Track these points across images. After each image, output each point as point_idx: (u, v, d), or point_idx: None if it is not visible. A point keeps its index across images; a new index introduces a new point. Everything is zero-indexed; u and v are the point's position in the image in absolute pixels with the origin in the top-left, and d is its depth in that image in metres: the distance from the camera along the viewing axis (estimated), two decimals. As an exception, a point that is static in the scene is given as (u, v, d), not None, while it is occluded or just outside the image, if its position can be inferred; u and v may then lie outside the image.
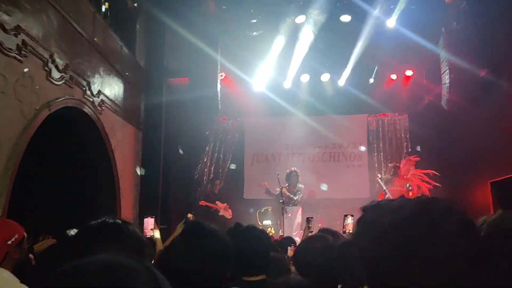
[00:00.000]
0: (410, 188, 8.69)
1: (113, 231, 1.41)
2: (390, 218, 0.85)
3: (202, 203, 9.42)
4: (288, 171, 9.08)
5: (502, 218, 1.17)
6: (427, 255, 0.78)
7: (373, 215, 0.89)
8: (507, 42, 6.78)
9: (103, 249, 1.26)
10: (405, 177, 8.81)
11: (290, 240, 4.57)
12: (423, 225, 0.81)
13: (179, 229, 3.84)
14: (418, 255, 0.79)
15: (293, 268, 3.51)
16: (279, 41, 9.02)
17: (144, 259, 0.80)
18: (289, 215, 8.59)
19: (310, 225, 4.61)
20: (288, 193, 8.75)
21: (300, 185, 8.90)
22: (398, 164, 9.18)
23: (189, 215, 4.22)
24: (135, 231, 1.45)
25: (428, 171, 9.28)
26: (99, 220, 1.49)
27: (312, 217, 4.87)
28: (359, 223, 0.93)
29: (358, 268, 1.85)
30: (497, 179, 7.73)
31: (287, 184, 8.92)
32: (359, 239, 0.90)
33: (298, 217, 8.69)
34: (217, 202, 9.54)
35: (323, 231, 3.28)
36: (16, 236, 2.37)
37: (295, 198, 8.81)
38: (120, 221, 1.48)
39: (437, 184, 8.98)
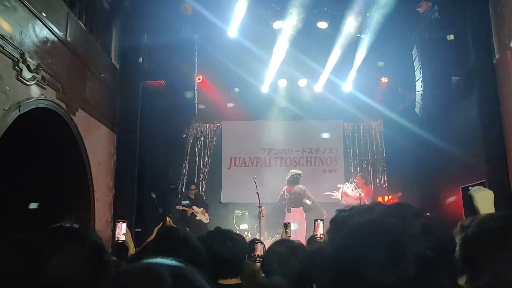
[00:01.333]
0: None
1: (70, 236, 1.39)
2: (362, 217, 0.88)
3: (179, 207, 9.40)
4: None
5: (481, 220, 1.31)
6: (394, 252, 0.81)
7: (346, 214, 0.93)
8: (477, 52, 6.97)
9: (60, 253, 1.25)
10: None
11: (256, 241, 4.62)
12: (392, 224, 0.85)
13: (155, 232, 3.83)
14: (385, 252, 0.81)
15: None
16: (257, 45, 9.06)
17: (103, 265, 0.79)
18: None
19: (287, 230, 4.63)
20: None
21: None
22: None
23: (167, 219, 4.19)
24: (93, 236, 1.43)
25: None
26: (56, 225, 1.46)
27: (289, 223, 4.89)
28: (332, 221, 0.95)
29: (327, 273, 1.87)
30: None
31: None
32: (331, 236, 0.93)
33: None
34: (193, 206, 9.51)
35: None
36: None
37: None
38: (77, 226, 1.46)
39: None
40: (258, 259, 3.60)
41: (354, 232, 0.87)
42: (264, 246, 3.80)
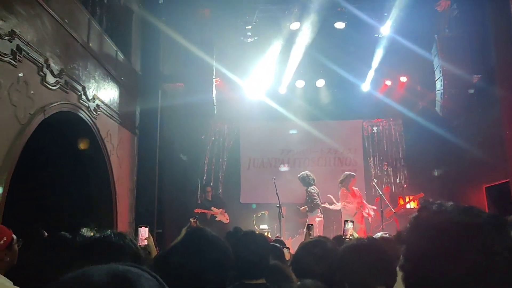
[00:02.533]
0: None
1: (109, 246, 1.43)
2: (460, 217, 0.88)
3: (197, 210, 9.45)
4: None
5: None
6: (485, 260, 0.82)
7: (441, 208, 0.92)
8: (498, 49, 6.86)
9: (99, 263, 1.29)
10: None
11: (280, 243, 4.60)
12: (490, 233, 0.85)
13: (183, 233, 3.88)
14: (477, 258, 0.82)
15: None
16: (274, 47, 9.09)
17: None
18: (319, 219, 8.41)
19: (310, 232, 4.62)
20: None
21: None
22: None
23: (192, 220, 4.22)
24: (130, 244, 1.46)
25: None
26: (96, 235, 1.51)
27: (312, 224, 4.89)
28: (415, 220, 0.95)
29: (363, 273, 1.85)
30: (492, 184, 7.79)
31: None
32: (412, 232, 0.93)
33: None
34: (212, 208, 9.59)
35: (319, 237, 3.30)
36: (5, 238, 2.39)
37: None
38: (115, 235, 1.50)
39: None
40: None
41: (449, 228, 0.87)
42: (289, 250, 3.77)
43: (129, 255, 1.41)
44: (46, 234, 3.56)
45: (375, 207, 8.63)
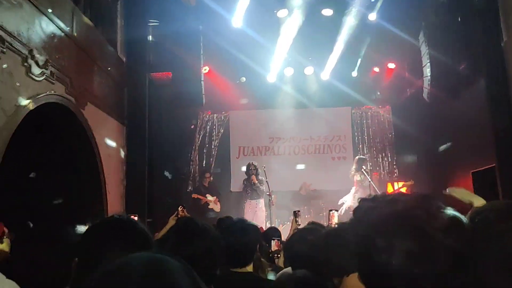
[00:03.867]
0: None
1: (123, 228, 1.45)
2: (388, 208, 0.89)
3: (194, 195, 9.55)
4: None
5: (489, 207, 1.23)
6: (421, 244, 0.83)
7: (371, 204, 0.94)
8: (485, 37, 6.90)
9: (114, 246, 1.32)
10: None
11: (274, 232, 4.62)
12: (419, 217, 0.85)
13: (171, 221, 3.89)
14: (413, 244, 0.83)
15: (279, 261, 3.55)
16: (262, 34, 9.04)
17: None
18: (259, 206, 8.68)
19: (297, 219, 4.65)
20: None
21: (261, 178, 8.88)
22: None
23: (180, 208, 4.24)
24: (143, 228, 1.50)
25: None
26: (107, 217, 1.54)
27: (299, 210, 4.92)
28: (356, 210, 0.97)
29: (343, 256, 1.89)
30: (478, 169, 7.89)
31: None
32: (355, 225, 0.95)
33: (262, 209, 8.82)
34: (207, 195, 9.64)
35: (313, 224, 3.31)
36: (-3, 231, 2.39)
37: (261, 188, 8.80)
38: (128, 218, 1.53)
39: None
40: (275, 255, 3.55)
41: (380, 223, 0.88)
42: (281, 241, 3.77)
43: (141, 236, 1.45)
44: (31, 225, 3.56)
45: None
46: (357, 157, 9.13)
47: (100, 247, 1.34)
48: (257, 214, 8.66)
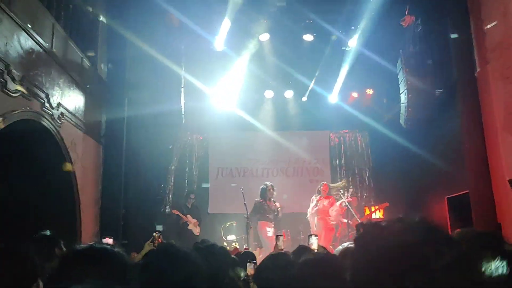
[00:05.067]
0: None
1: (100, 256, 1.41)
2: (393, 241, 0.88)
3: (175, 211, 9.39)
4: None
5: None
6: (425, 283, 0.82)
7: (375, 232, 0.92)
8: (459, 65, 7.11)
9: (90, 273, 1.27)
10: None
11: (249, 256, 4.56)
12: (426, 255, 0.84)
13: (147, 247, 3.82)
14: (418, 281, 0.82)
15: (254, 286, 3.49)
16: (244, 57, 9.13)
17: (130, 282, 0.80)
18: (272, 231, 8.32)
19: (278, 243, 4.61)
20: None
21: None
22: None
23: (156, 234, 4.17)
24: (121, 255, 1.46)
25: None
26: (86, 245, 1.50)
27: (281, 235, 4.88)
28: (359, 238, 0.95)
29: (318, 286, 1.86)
30: (454, 194, 8.02)
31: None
32: (358, 253, 0.93)
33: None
34: (188, 215, 9.51)
35: (302, 248, 3.26)
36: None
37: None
38: (107, 246, 1.49)
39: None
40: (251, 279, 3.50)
41: (386, 257, 0.86)
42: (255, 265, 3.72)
43: (119, 265, 1.41)
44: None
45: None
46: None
47: (75, 279, 1.30)
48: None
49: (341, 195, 9.34)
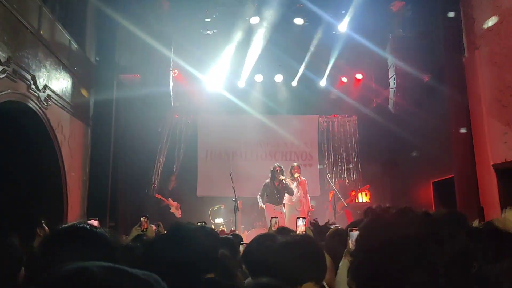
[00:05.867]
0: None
1: (83, 235, 1.41)
2: (398, 231, 0.89)
3: (158, 196, 9.45)
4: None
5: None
6: (428, 274, 0.84)
7: (380, 224, 0.93)
8: (447, 50, 7.16)
9: (73, 253, 1.27)
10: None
11: (237, 238, 4.61)
12: (430, 250, 0.86)
13: (134, 232, 3.83)
14: (421, 273, 0.84)
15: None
16: (233, 40, 9.07)
17: (116, 263, 0.81)
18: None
19: (271, 225, 4.66)
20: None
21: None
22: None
23: (143, 219, 4.17)
24: (105, 235, 1.45)
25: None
26: (68, 224, 1.49)
27: (276, 217, 4.94)
28: (365, 228, 0.96)
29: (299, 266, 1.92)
30: (439, 179, 8.15)
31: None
32: (362, 244, 0.94)
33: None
34: (169, 199, 9.54)
35: (281, 230, 3.33)
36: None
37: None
38: (88, 226, 1.49)
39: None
40: None
41: (391, 248, 0.88)
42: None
43: (103, 245, 1.41)
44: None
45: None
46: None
47: (57, 259, 1.30)
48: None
49: (329, 179, 9.46)
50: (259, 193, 8.48)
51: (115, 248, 1.48)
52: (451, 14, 7.05)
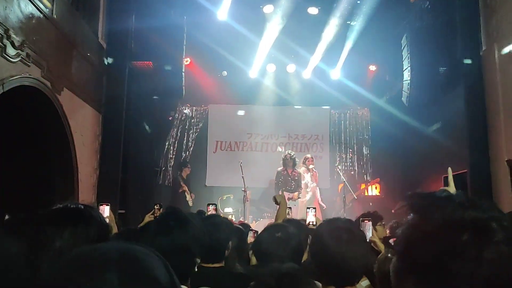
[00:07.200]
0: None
1: (76, 216, 1.38)
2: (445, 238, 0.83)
3: (184, 187, 9.47)
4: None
5: None
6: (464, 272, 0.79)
7: (422, 230, 0.87)
8: (465, 43, 7.03)
9: (66, 234, 1.25)
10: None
11: (246, 227, 4.60)
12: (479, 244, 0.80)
13: (147, 219, 3.85)
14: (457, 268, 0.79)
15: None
16: (246, 29, 8.99)
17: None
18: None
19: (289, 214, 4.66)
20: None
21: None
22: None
23: (157, 207, 4.21)
24: (99, 216, 1.44)
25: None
26: (60, 205, 1.46)
27: (290, 207, 4.94)
28: (408, 227, 0.90)
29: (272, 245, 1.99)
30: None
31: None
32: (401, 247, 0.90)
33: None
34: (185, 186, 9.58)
35: (289, 221, 3.32)
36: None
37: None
38: (82, 206, 1.46)
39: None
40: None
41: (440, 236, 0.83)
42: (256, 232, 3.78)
43: (98, 226, 1.39)
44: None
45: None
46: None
47: (50, 234, 1.27)
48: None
49: (339, 171, 9.41)
50: (275, 181, 8.64)
51: (109, 230, 1.47)
52: (469, 6, 6.91)
